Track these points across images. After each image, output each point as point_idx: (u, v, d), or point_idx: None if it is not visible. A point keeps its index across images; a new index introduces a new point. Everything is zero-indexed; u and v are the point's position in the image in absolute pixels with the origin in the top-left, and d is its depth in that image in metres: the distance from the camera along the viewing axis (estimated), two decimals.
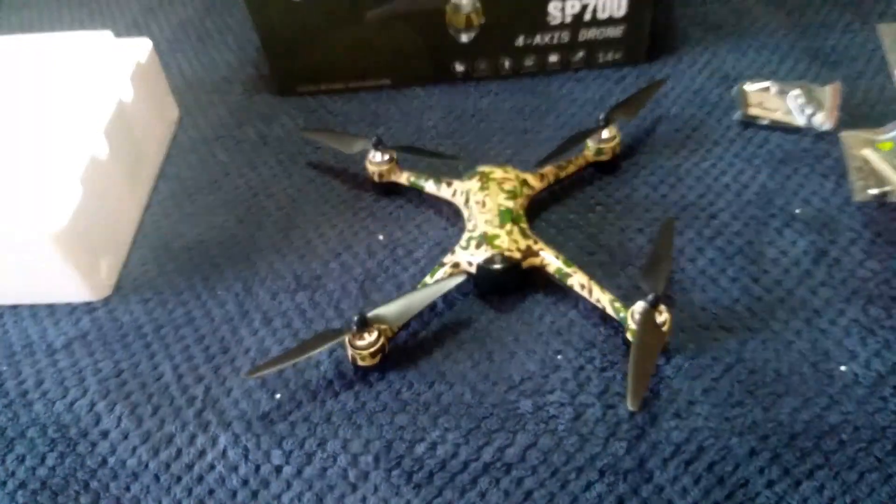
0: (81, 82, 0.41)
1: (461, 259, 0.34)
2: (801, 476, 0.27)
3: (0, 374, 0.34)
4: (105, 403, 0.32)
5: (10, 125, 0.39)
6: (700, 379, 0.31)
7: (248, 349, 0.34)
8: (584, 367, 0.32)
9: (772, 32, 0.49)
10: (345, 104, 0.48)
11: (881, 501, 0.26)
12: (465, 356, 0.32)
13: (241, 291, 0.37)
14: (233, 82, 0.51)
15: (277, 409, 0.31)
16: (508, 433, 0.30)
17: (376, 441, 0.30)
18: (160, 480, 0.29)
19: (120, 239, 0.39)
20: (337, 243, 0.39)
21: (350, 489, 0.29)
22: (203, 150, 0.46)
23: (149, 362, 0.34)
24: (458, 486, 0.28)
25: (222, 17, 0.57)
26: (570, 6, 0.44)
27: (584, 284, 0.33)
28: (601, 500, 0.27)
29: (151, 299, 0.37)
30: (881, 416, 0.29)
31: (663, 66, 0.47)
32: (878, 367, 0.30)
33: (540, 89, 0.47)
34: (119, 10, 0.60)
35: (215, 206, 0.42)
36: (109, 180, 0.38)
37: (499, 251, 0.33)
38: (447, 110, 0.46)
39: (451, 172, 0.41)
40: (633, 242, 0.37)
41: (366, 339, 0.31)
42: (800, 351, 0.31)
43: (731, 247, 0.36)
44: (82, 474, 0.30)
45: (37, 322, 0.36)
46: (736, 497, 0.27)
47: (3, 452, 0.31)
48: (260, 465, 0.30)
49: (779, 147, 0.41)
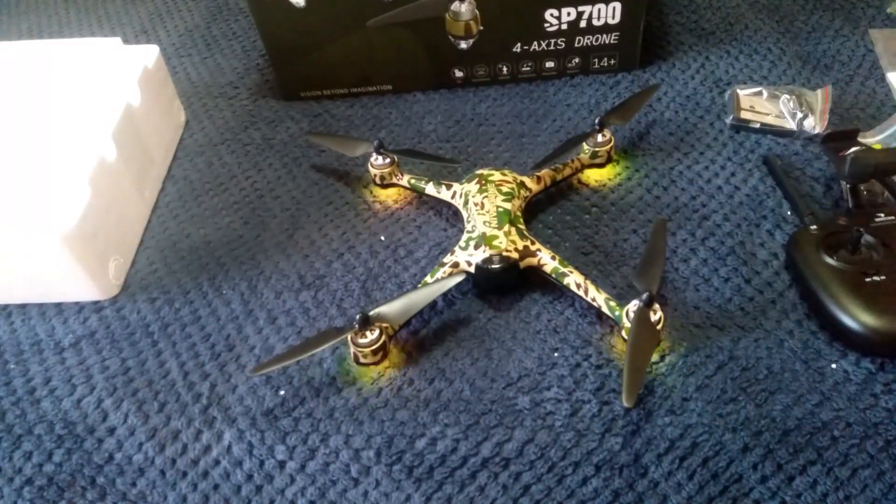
0: (91, 87, 0.41)
1: (460, 259, 0.35)
2: (794, 472, 0.28)
3: (8, 372, 0.35)
4: (112, 400, 0.33)
5: (21, 129, 0.39)
6: (694, 376, 0.31)
7: (252, 347, 0.35)
8: (580, 365, 0.32)
9: (763, 38, 0.50)
10: (347, 109, 0.49)
11: (874, 497, 0.27)
12: (465, 353, 0.33)
13: (246, 291, 0.37)
14: (238, 87, 0.52)
15: (281, 406, 0.32)
16: (507, 429, 0.30)
17: (378, 436, 0.30)
18: (166, 476, 0.30)
19: (128, 239, 0.40)
20: (340, 244, 0.40)
21: (352, 483, 0.29)
22: (209, 153, 0.47)
23: (155, 360, 0.34)
24: (458, 481, 0.29)
25: (228, 23, 0.59)
26: (566, 14, 0.45)
27: (580, 284, 0.34)
28: (597, 494, 0.28)
29: (158, 298, 0.38)
30: (872, 413, 0.29)
31: (657, 72, 0.48)
32: (868, 364, 0.31)
33: (536, 94, 0.48)
34: (127, 17, 0.61)
35: (221, 208, 0.43)
36: (117, 182, 0.39)
37: (497, 251, 0.34)
38: (447, 115, 0.47)
39: (451, 175, 0.42)
40: (628, 243, 0.38)
41: (367, 337, 0.32)
42: (791, 349, 0.32)
43: (723, 247, 0.37)
44: (89, 470, 0.30)
45: (45, 320, 0.37)
46: (730, 492, 0.27)
47: (11, 449, 0.31)
48: (264, 461, 0.30)
49: (770, 150, 0.42)
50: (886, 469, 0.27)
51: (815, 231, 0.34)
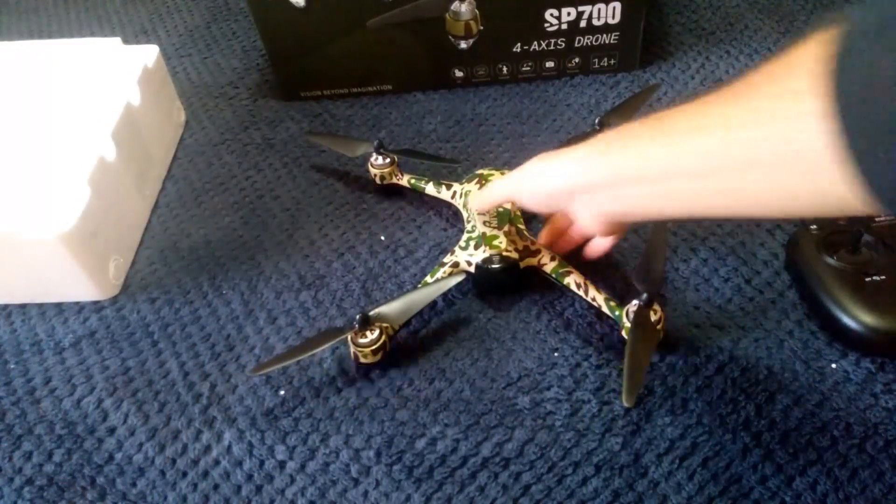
0: (91, 87, 0.41)
1: (461, 259, 0.35)
2: (793, 472, 0.28)
3: (8, 372, 0.35)
4: (112, 400, 0.33)
5: (20, 128, 0.39)
6: (694, 376, 0.31)
7: (252, 347, 0.35)
8: (580, 364, 0.32)
9: (763, 38, 0.50)
10: (347, 109, 0.49)
11: (874, 498, 0.27)
12: (465, 353, 0.33)
13: (246, 291, 0.37)
14: (238, 87, 0.52)
15: (281, 406, 0.32)
16: (507, 429, 0.30)
17: (378, 436, 0.30)
18: (166, 476, 0.30)
19: (128, 239, 0.40)
20: (340, 244, 0.40)
21: (352, 483, 0.29)
22: (209, 153, 0.47)
23: (155, 360, 0.34)
24: (458, 481, 0.29)
25: (228, 23, 0.58)
26: (566, 14, 0.45)
27: (580, 284, 0.34)
28: (597, 494, 0.28)
29: (158, 298, 0.38)
30: (872, 413, 0.29)
31: (657, 72, 0.48)
32: (868, 364, 0.31)
33: (537, 95, 0.48)
34: (127, 17, 0.61)
35: (221, 208, 0.43)
36: (117, 182, 0.39)
37: (497, 251, 0.34)
38: (447, 115, 0.47)
39: (451, 175, 0.42)
40: (628, 243, 0.37)
41: (368, 336, 0.32)
42: (792, 349, 0.32)
43: (723, 247, 0.37)
44: (89, 470, 0.30)
45: (45, 321, 0.37)
46: (730, 492, 0.27)
47: (11, 449, 0.31)
48: (264, 461, 0.30)
49: None
50: (886, 469, 0.27)
51: (815, 231, 0.34)
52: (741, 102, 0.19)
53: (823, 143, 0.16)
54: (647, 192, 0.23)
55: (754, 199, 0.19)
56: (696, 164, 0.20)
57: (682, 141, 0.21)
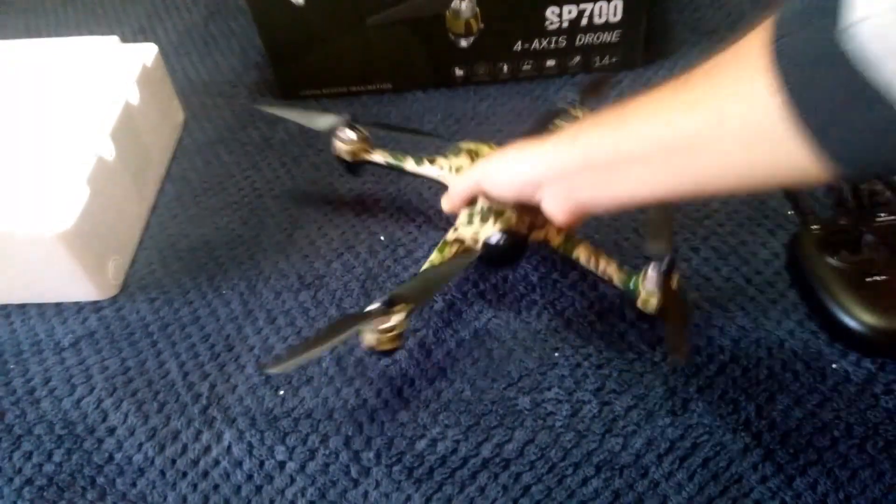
0: (89, 86, 0.41)
1: (466, 235, 0.33)
2: (794, 472, 0.28)
3: (8, 372, 0.35)
4: (112, 400, 0.33)
5: (18, 127, 0.39)
6: (695, 377, 0.31)
7: (252, 347, 0.35)
8: (580, 365, 0.32)
9: None
10: (347, 107, 0.48)
11: (874, 498, 0.27)
12: (465, 353, 0.33)
13: (245, 291, 0.37)
14: (237, 86, 0.51)
15: (281, 406, 0.32)
16: (507, 429, 0.30)
17: (378, 437, 0.30)
18: (166, 476, 0.30)
19: (126, 239, 0.40)
20: (339, 243, 0.39)
21: (352, 484, 0.29)
22: (208, 152, 0.46)
23: (155, 360, 0.34)
24: (458, 482, 0.29)
25: (227, 22, 0.58)
26: (567, 12, 0.45)
27: (590, 256, 0.32)
28: (598, 494, 0.28)
29: (157, 298, 0.38)
30: (873, 413, 0.29)
31: (659, 70, 0.48)
32: (869, 364, 0.31)
33: (537, 93, 0.47)
34: (125, 16, 0.61)
35: (220, 207, 0.42)
36: (116, 181, 0.39)
37: (508, 226, 0.32)
38: (447, 113, 0.47)
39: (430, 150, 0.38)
40: (629, 242, 0.37)
41: (392, 320, 0.29)
42: (792, 349, 0.32)
43: (725, 247, 0.37)
44: (89, 470, 0.30)
45: (44, 321, 0.37)
46: (730, 492, 0.27)
47: (11, 449, 0.31)
48: (264, 461, 0.30)
49: None
50: (886, 470, 0.27)
51: (816, 231, 0.34)
52: (702, 87, 0.21)
53: (777, 116, 0.18)
54: (616, 178, 0.24)
55: (720, 175, 0.21)
56: (663, 146, 0.21)
57: (648, 125, 0.22)
